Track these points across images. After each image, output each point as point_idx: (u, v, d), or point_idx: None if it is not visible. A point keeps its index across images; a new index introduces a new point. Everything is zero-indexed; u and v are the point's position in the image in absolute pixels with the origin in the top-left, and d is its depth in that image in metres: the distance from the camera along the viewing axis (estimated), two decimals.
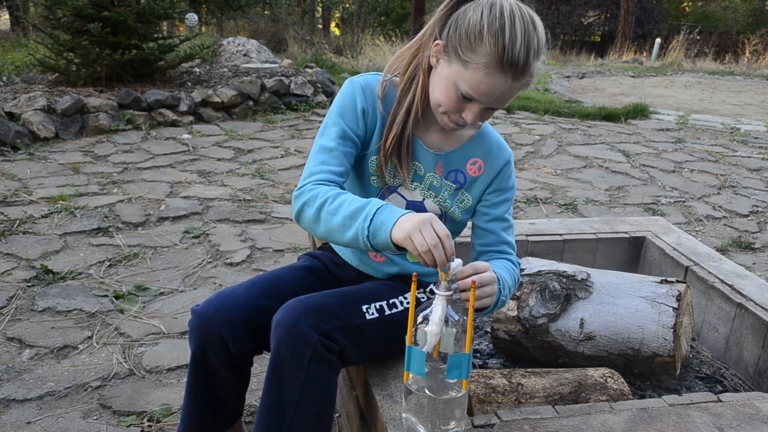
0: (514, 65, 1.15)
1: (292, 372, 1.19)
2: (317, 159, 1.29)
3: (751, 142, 5.97)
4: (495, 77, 1.16)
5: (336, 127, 1.30)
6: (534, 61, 1.17)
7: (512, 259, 1.40)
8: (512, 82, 1.17)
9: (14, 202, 3.41)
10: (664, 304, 1.61)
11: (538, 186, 4.19)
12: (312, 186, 1.25)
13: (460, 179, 1.38)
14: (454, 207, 1.39)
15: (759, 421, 1.24)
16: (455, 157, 1.37)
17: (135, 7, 5.72)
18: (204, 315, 1.31)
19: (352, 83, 1.33)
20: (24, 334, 2.18)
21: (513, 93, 1.21)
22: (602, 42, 21.02)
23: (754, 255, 3.20)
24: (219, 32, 13.11)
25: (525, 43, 1.14)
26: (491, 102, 1.21)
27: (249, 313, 1.32)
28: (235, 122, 5.69)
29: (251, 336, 1.32)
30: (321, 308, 1.23)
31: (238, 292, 1.35)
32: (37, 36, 7.25)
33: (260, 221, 3.32)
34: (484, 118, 1.28)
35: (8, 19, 14.93)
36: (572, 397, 1.41)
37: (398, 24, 20.68)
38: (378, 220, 1.15)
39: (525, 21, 1.15)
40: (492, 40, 1.14)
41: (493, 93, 1.19)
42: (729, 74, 12.45)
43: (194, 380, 1.39)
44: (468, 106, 1.22)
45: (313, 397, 1.20)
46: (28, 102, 4.76)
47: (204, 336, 1.32)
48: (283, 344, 1.19)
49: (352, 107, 1.32)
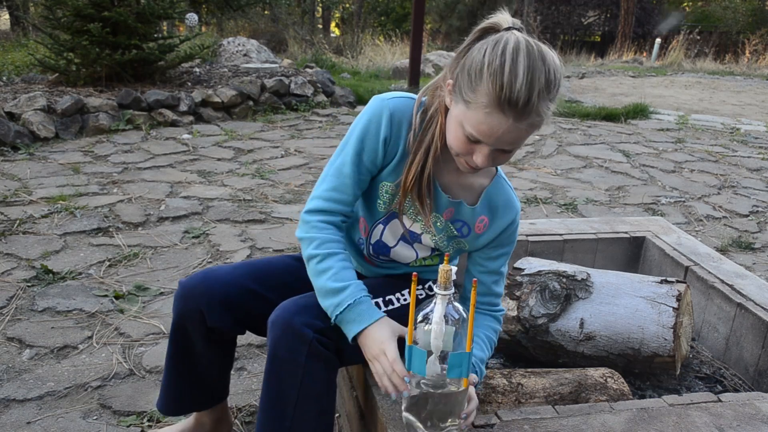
0: (513, 104, 1.07)
1: (289, 370, 1.19)
2: (331, 183, 1.30)
3: (751, 142, 5.97)
4: (494, 117, 1.10)
5: (354, 154, 1.28)
6: (540, 100, 1.09)
7: (495, 313, 1.41)
8: (514, 122, 1.10)
9: (14, 202, 3.41)
10: (664, 304, 1.61)
11: (538, 186, 4.19)
12: (316, 224, 1.29)
13: (464, 231, 1.35)
14: (449, 248, 1.38)
15: (759, 421, 1.24)
16: (466, 212, 1.33)
17: (135, 7, 5.72)
18: (186, 286, 1.37)
19: (383, 106, 1.27)
20: (24, 334, 2.18)
21: (520, 135, 1.14)
22: (602, 42, 21.01)
23: (754, 255, 3.20)
24: (219, 32, 13.11)
25: (527, 82, 1.07)
26: (497, 144, 1.14)
27: (230, 290, 1.35)
28: (235, 122, 5.69)
29: (230, 313, 1.36)
30: (314, 306, 1.24)
31: (224, 269, 1.39)
32: (37, 36, 7.25)
33: (260, 221, 3.32)
34: (498, 161, 1.21)
35: (8, 19, 14.93)
36: (572, 397, 1.41)
37: (398, 24, 20.68)
38: (347, 317, 1.22)
39: (531, 58, 1.08)
40: (491, 78, 1.08)
41: (494, 134, 1.12)
42: (729, 74, 12.45)
43: (173, 350, 1.45)
44: (477, 148, 1.16)
45: (312, 395, 1.21)
46: (28, 102, 4.76)
47: (183, 307, 1.37)
48: (278, 343, 1.20)
49: (375, 134, 1.27)
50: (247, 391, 1.94)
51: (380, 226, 1.38)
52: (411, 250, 1.39)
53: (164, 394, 1.51)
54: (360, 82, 7.82)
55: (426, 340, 1.10)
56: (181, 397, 1.51)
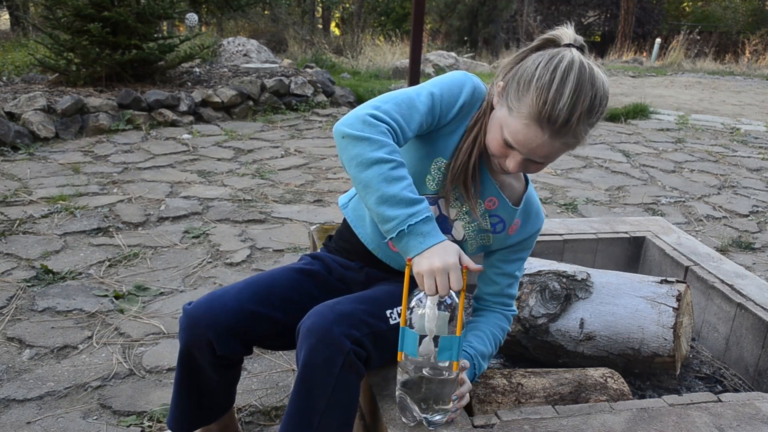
0: (552, 122, 1.10)
1: (322, 380, 1.18)
2: (403, 104, 1.20)
3: (751, 142, 5.97)
4: (532, 130, 1.13)
5: (431, 97, 1.23)
6: (579, 123, 1.11)
7: (507, 312, 1.44)
8: (550, 138, 1.13)
9: (14, 202, 3.41)
10: (664, 304, 1.61)
11: (538, 186, 4.19)
12: (383, 130, 1.15)
13: (498, 228, 1.37)
14: (475, 240, 1.38)
15: (759, 421, 1.24)
16: (508, 210, 1.36)
17: (135, 7, 5.72)
18: (192, 316, 1.32)
19: (467, 77, 1.28)
20: (24, 334, 2.18)
21: (555, 151, 1.16)
22: (602, 42, 21.01)
23: (754, 255, 3.20)
24: (219, 32, 13.10)
25: (570, 103, 1.09)
26: (530, 154, 1.17)
27: (237, 318, 1.32)
28: (235, 122, 5.69)
29: (239, 339, 1.34)
30: (351, 315, 1.22)
31: (229, 295, 1.34)
32: (37, 36, 7.25)
33: (260, 221, 3.32)
34: (529, 170, 1.24)
35: (8, 19, 14.93)
36: (572, 397, 1.41)
37: (398, 24, 20.68)
38: (422, 228, 1.13)
39: (581, 80, 1.10)
40: (537, 92, 1.10)
41: (528, 145, 1.15)
42: (729, 74, 12.45)
43: (181, 376, 1.42)
44: (511, 154, 1.19)
45: (340, 404, 1.20)
46: (28, 102, 4.76)
47: (191, 336, 1.34)
48: (315, 351, 1.17)
49: (456, 94, 1.26)
50: (247, 391, 1.94)
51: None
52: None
53: (176, 414, 1.48)
54: (360, 82, 7.82)
55: (420, 323, 1.13)
56: (190, 416, 1.49)
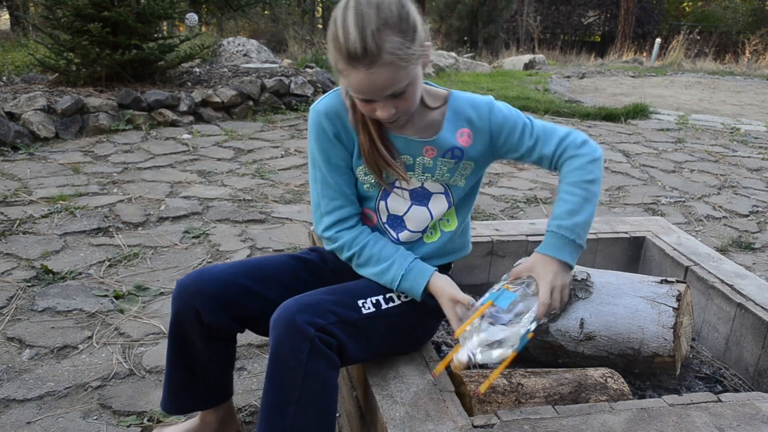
0: (354, 57, 1.13)
1: (290, 368, 1.20)
2: (326, 195, 1.39)
3: (751, 142, 5.97)
4: (352, 74, 1.16)
5: (324, 162, 1.37)
6: (378, 41, 1.12)
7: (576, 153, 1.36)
8: (368, 71, 1.14)
9: (14, 202, 3.41)
10: (664, 304, 1.61)
11: (538, 186, 4.19)
12: (336, 235, 1.39)
13: (457, 154, 1.37)
14: (456, 176, 1.40)
15: (759, 421, 1.24)
16: (444, 139, 1.36)
17: (135, 7, 5.72)
18: (182, 284, 1.39)
19: (316, 112, 1.36)
20: (24, 334, 2.18)
21: (388, 78, 1.17)
22: (602, 42, 21.02)
23: (754, 255, 3.20)
24: (219, 32, 13.10)
25: (357, 31, 1.12)
26: (377, 95, 1.19)
27: (225, 288, 1.38)
28: (235, 122, 5.69)
29: (226, 310, 1.38)
30: (316, 304, 1.25)
31: (219, 268, 1.41)
32: (37, 36, 7.25)
33: (260, 221, 3.32)
34: (401, 107, 1.24)
35: (8, 19, 14.93)
36: (572, 397, 1.41)
37: None
38: (405, 286, 1.35)
39: (359, 8, 1.13)
40: (332, 43, 1.16)
41: (365, 88, 1.18)
42: (729, 74, 12.45)
43: (172, 349, 1.47)
44: (374, 106, 1.23)
45: (313, 393, 1.21)
46: (28, 102, 4.76)
47: (180, 305, 1.40)
48: (281, 341, 1.20)
49: (325, 137, 1.35)
50: (247, 391, 1.94)
51: (382, 203, 1.41)
52: (424, 211, 1.41)
53: (167, 393, 1.52)
54: None
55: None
56: (183, 395, 1.52)
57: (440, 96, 1.38)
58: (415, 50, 1.18)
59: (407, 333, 1.40)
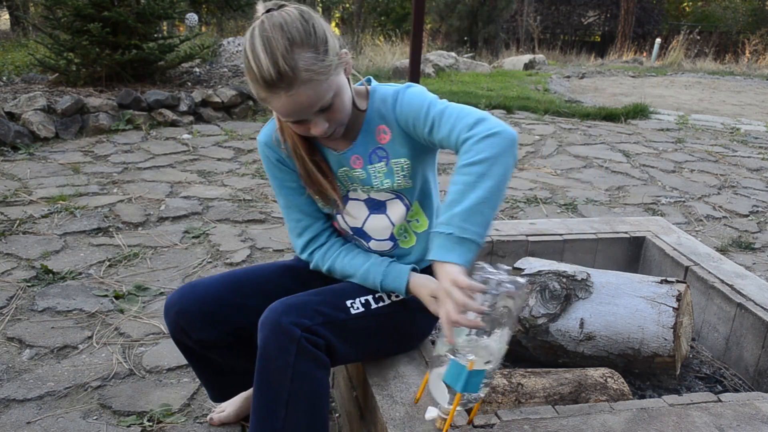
0: (273, 84, 1.12)
1: (278, 370, 1.20)
2: (293, 218, 1.44)
3: (751, 142, 5.97)
4: (275, 100, 1.15)
5: (279, 188, 1.41)
6: (289, 63, 1.11)
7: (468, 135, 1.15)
8: (288, 94, 1.13)
9: (14, 202, 3.41)
10: (664, 304, 1.61)
11: (538, 186, 4.19)
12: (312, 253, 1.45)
13: (381, 154, 1.33)
14: (398, 179, 1.34)
15: (759, 421, 1.24)
16: (362, 143, 1.33)
17: (135, 7, 5.72)
18: (167, 305, 1.44)
19: (259, 143, 1.40)
20: (24, 334, 2.18)
21: (311, 94, 1.15)
22: (602, 42, 21.02)
23: (754, 255, 3.20)
24: (219, 32, 13.10)
25: (268, 56, 1.10)
26: (304, 114, 1.18)
27: (208, 305, 1.39)
28: (235, 122, 5.68)
29: (213, 326, 1.40)
30: (302, 305, 1.26)
31: (201, 285, 1.43)
32: (37, 36, 7.25)
33: (260, 221, 3.32)
34: (332, 119, 1.23)
35: (8, 19, 14.93)
36: (572, 397, 1.41)
37: (398, 24, 20.69)
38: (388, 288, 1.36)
39: (264, 33, 1.12)
40: (248, 76, 1.15)
41: (290, 111, 1.17)
42: (729, 74, 12.45)
43: (185, 356, 1.51)
44: (305, 126, 1.23)
45: (302, 394, 1.21)
46: (28, 102, 4.76)
47: (170, 323, 1.43)
48: (267, 343, 1.21)
49: (273, 165, 1.39)
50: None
51: (339, 217, 1.43)
52: (383, 218, 1.40)
53: (206, 388, 1.64)
54: None
55: None
56: (219, 386, 1.62)
57: (365, 95, 1.35)
58: (331, 61, 1.16)
59: (401, 332, 1.40)
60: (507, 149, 1.13)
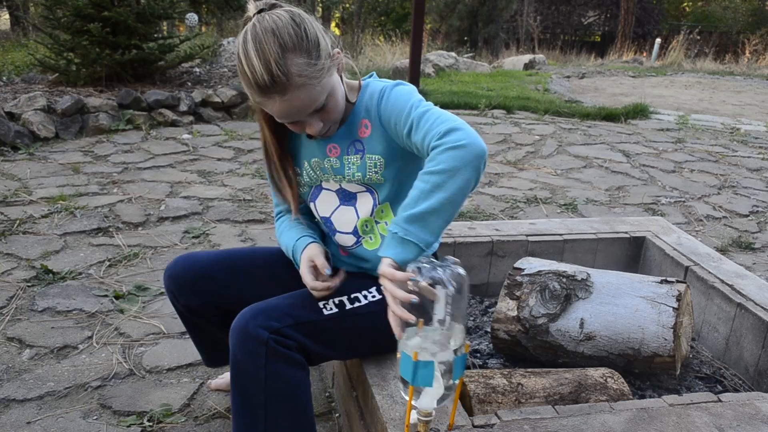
0: (267, 88, 1.15)
1: (251, 373, 1.21)
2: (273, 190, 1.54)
3: (751, 142, 5.97)
4: (269, 103, 1.18)
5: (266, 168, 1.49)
6: (282, 69, 1.13)
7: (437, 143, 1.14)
8: (282, 98, 1.16)
9: (14, 202, 3.41)
10: (664, 304, 1.61)
11: (538, 186, 4.19)
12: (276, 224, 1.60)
13: (359, 147, 1.34)
14: (370, 174, 1.34)
15: (759, 421, 1.24)
16: (343, 133, 1.34)
17: (135, 7, 5.71)
18: (166, 268, 1.54)
19: None
20: (24, 334, 2.18)
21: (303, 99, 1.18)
22: (602, 42, 21.03)
23: (754, 255, 3.20)
24: (219, 32, 13.10)
25: (262, 62, 1.13)
26: (298, 115, 1.22)
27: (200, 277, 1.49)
28: (235, 122, 5.68)
29: (198, 296, 1.49)
30: (270, 309, 1.26)
31: (197, 256, 1.53)
32: (37, 36, 7.25)
33: (260, 221, 3.33)
34: (327, 118, 1.26)
35: (8, 19, 14.93)
36: (572, 397, 1.41)
37: (398, 24, 20.70)
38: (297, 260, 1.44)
39: (257, 37, 1.14)
40: (242, 80, 1.18)
41: (285, 113, 1.21)
42: (729, 74, 12.45)
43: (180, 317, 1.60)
44: (300, 125, 1.26)
45: (279, 395, 1.21)
46: (28, 102, 4.76)
47: (165, 286, 1.55)
48: (237, 348, 1.22)
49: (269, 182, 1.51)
50: None
51: (311, 204, 1.47)
52: (351, 210, 1.40)
53: (200, 352, 1.72)
54: None
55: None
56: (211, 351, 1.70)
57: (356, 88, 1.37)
58: (324, 64, 1.18)
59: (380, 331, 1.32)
60: (469, 163, 1.12)
